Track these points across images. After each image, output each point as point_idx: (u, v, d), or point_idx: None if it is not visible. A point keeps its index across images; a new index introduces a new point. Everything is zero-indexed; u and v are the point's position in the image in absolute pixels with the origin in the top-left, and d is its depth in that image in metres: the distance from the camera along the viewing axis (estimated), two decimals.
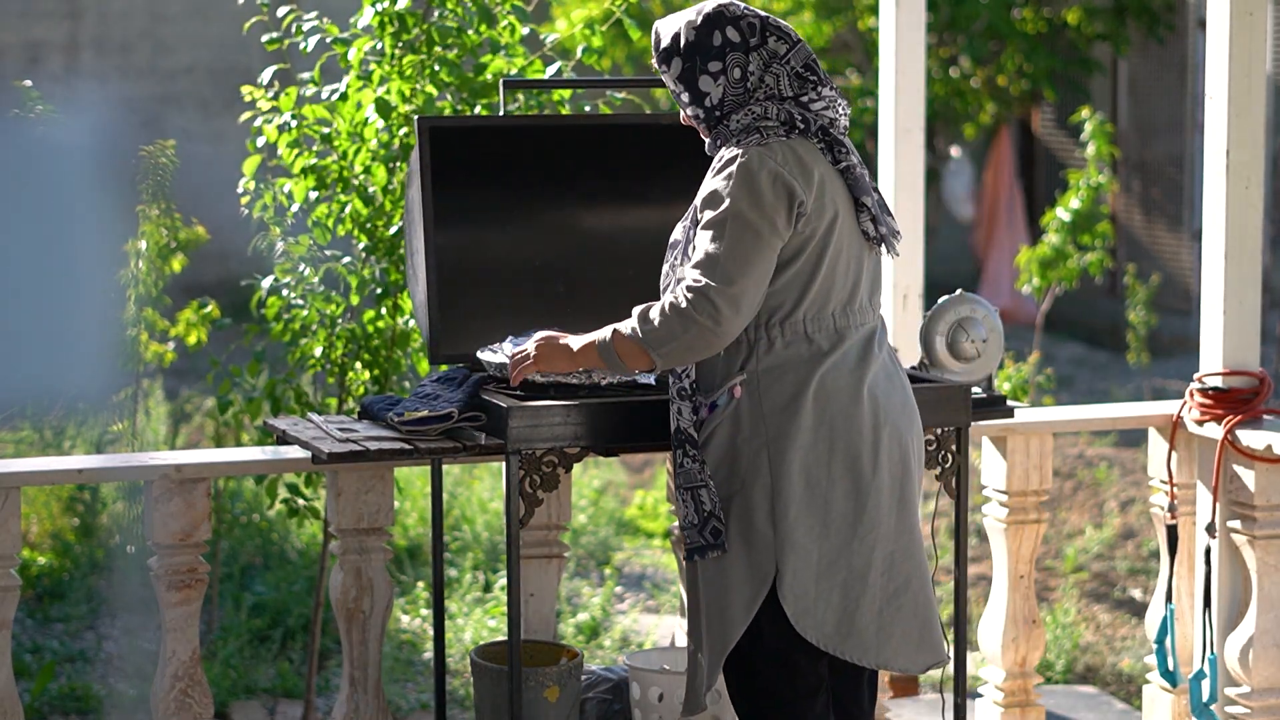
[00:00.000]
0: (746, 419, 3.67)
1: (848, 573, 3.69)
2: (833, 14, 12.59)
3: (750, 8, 3.75)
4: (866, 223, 3.72)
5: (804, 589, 3.67)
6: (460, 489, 7.64)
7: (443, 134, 4.37)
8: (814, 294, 3.66)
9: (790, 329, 3.66)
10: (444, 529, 4.90)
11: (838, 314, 3.69)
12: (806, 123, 3.68)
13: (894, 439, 3.72)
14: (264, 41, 5.19)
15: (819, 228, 3.65)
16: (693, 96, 3.73)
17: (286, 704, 5.82)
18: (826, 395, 3.66)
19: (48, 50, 13.81)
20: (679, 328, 3.61)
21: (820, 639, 3.69)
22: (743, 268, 3.59)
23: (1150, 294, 9.49)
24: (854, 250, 3.72)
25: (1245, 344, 4.74)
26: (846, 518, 3.68)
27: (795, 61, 3.70)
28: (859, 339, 3.72)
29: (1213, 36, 4.69)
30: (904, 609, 3.76)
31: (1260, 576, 4.68)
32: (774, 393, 3.66)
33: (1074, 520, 7.89)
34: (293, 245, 5.13)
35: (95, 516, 7.02)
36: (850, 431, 3.67)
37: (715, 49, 3.70)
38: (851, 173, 3.70)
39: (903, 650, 3.78)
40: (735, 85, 3.70)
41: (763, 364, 3.67)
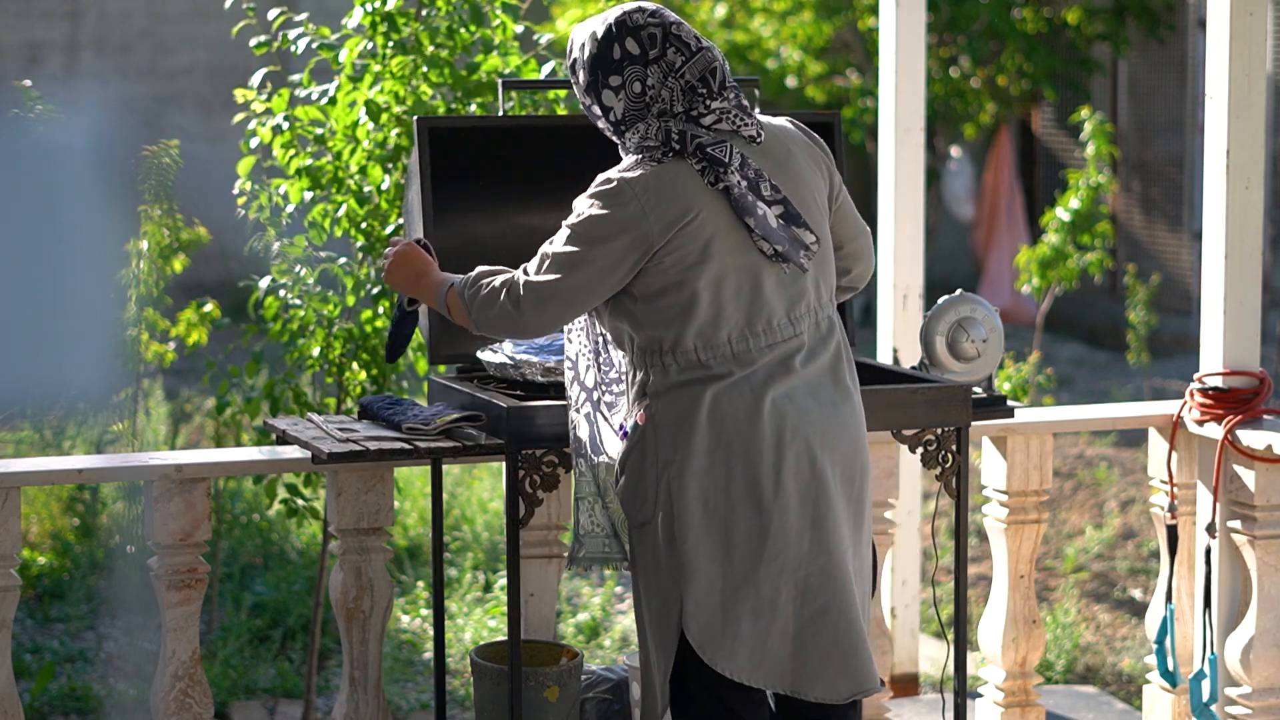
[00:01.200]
0: (650, 444, 3.57)
1: (756, 599, 3.54)
2: (833, 14, 12.60)
3: (659, 16, 3.59)
4: (760, 242, 3.55)
5: (709, 618, 3.54)
6: (460, 489, 7.64)
7: (441, 134, 4.36)
8: (698, 324, 3.53)
9: (682, 356, 3.55)
10: (444, 529, 4.90)
11: (734, 339, 3.55)
12: (683, 142, 3.54)
13: (802, 457, 3.55)
14: (252, 46, 5.20)
15: (687, 257, 3.52)
16: (600, 110, 3.62)
17: (286, 704, 5.82)
18: (722, 416, 3.53)
19: (48, 50, 13.81)
20: (491, 303, 3.63)
21: (731, 669, 3.56)
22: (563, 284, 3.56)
23: (1150, 294, 9.49)
24: (745, 272, 3.55)
25: (1245, 344, 4.73)
26: (750, 542, 3.53)
27: (690, 74, 3.55)
28: (771, 359, 3.57)
29: (1213, 36, 4.69)
30: (822, 635, 3.58)
31: (1260, 576, 4.68)
32: (668, 416, 3.55)
33: (1074, 520, 7.89)
34: (288, 246, 5.13)
35: (95, 516, 7.02)
36: (749, 452, 3.53)
37: (615, 62, 3.57)
38: (731, 194, 3.53)
39: (821, 677, 3.59)
40: (635, 100, 3.57)
41: (658, 388, 3.57)
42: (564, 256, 3.57)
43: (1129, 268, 10.92)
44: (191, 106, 13.99)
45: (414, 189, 4.33)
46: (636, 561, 3.65)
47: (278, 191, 5.12)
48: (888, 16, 5.66)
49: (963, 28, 12.66)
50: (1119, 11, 13.00)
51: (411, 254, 3.86)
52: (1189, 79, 12.71)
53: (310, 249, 5.16)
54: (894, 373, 4.37)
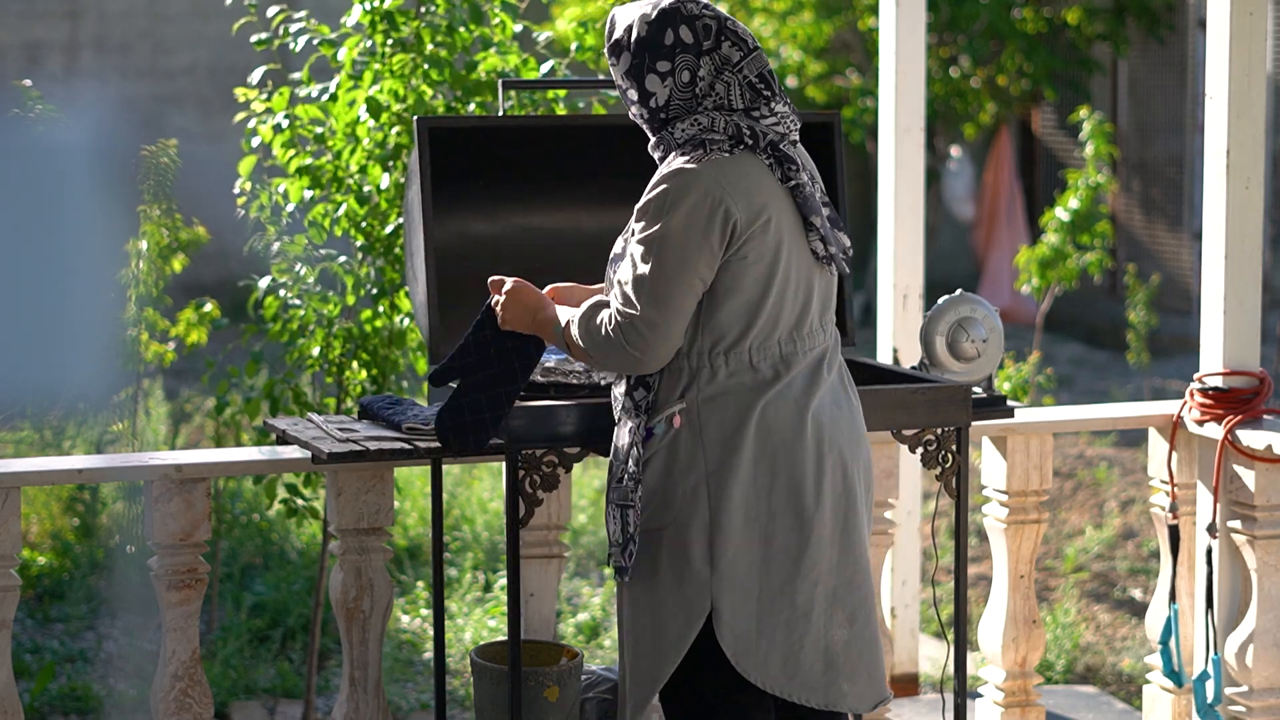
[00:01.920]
0: (684, 451, 3.51)
1: (790, 610, 3.53)
2: (833, 14, 12.60)
3: (711, 8, 3.55)
4: (815, 242, 3.55)
5: (744, 628, 3.52)
6: (460, 489, 7.64)
7: (441, 134, 4.36)
8: (762, 322, 3.51)
9: (735, 358, 3.51)
10: (444, 529, 4.89)
11: (784, 340, 3.53)
12: (755, 137, 3.51)
13: (838, 467, 3.56)
14: (253, 42, 5.20)
15: (764, 252, 3.49)
16: (639, 95, 3.55)
17: (286, 704, 5.82)
18: (768, 427, 3.50)
19: (48, 50, 13.81)
20: (606, 347, 3.51)
21: (764, 680, 3.53)
22: (669, 293, 3.45)
23: (1150, 294, 9.49)
24: (803, 272, 3.55)
25: (1245, 344, 4.73)
26: (789, 553, 3.52)
27: (749, 71, 3.52)
28: (807, 364, 3.56)
29: (1213, 36, 4.69)
30: (850, 646, 3.59)
31: (1260, 576, 4.68)
32: (714, 424, 3.50)
33: (1074, 520, 7.89)
34: (288, 245, 5.13)
35: (95, 516, 7.02)
36: (793, 464, 3.51)
37: (666, 48, 3.52)
38: (800, 191, 3.52)
39: (850, 689, 3.60)
40: (683, 89, 3.52)
41: (703, 393, 3.51)
42: (665, 274, 3.46)
43: (1129, 268, 10.92)
44: (191, 106, 13.99)
45: (414, 189, 4.33)
46: (638, 565, 3.59)
47: (278, 191, 5.12)
48: (888, 16, 5.66)
49: (963, 28, 12.66)
50: (1119, 11, 13.00)
51: (523, 291, 3.72)
52: (1189, 79, 12.71)
53: (310, 248, 5.16)
54: (894, 373, 4.37)
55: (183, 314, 5.79)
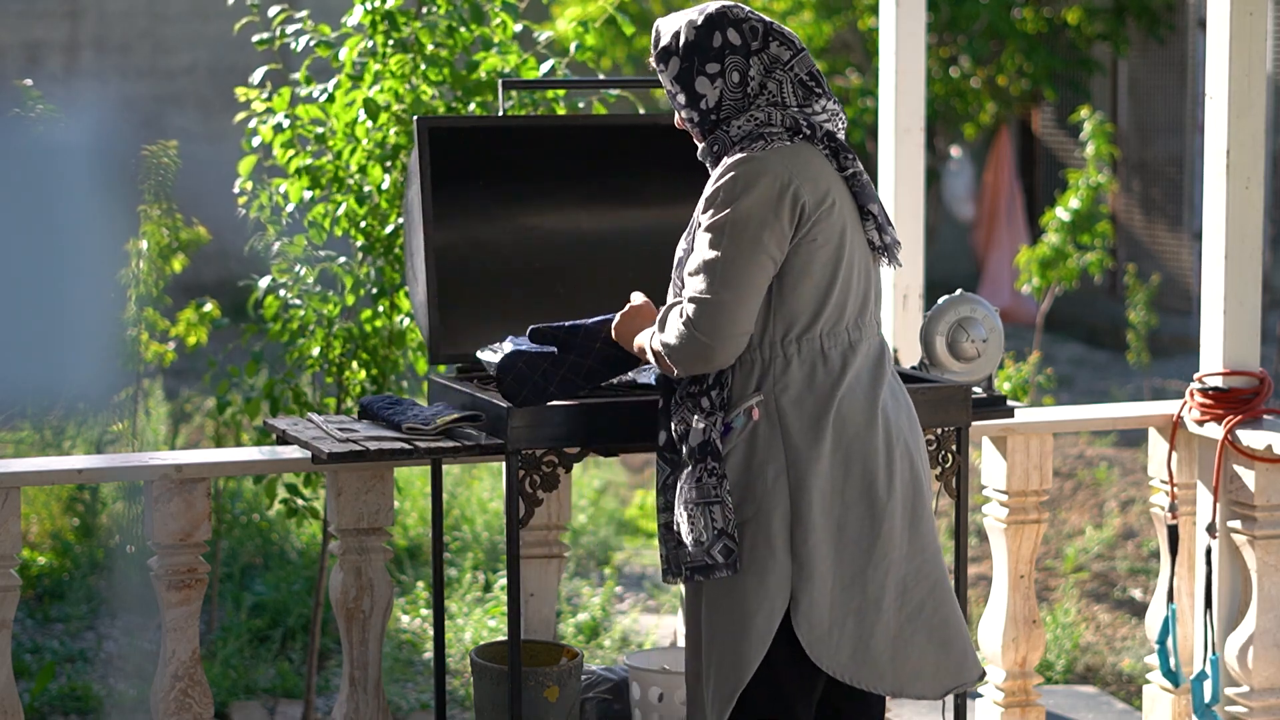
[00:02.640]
0: (764, 443, 3.55)
1: (862, 599, 3.58)
2: (833, 14, 12.60)
3: (755, 12, 3.65)
4: (872, 231, 3.62)
5: (820, 617, 3.56)
6: (460, 489, 7.64)
7: (441, 134, 4.36)
8: (831, 306, 3.56)
9: (807, 345, 3.55)
10: (444, 529, 4.89)
11: (851, 328, 3.59)
12: (812, 129, 3.57)
13: (905, 458, 3.63)
14: (254, 42, 5.20)
15: (831, 236, 3.55)
16: (689, 98, 3.62)
17: (286, 704, 5.82)
18: (844, 419, 3.56)
19: (48, 50, 13.81)
20: (681, 340, 3.52)
21: (835, 668, 3.58)
22: (742, 274, 3.49)
23: (1150, 294, 9.49)
24: (863, 260, 3.62)
25: (1245, 344, 4.73)
26: (861, 543, 3.58)
27: (799, 69, 3.61)
28: (870, 355, 3.62)
29: (1213, 36, 4.69)
30: (918, 634, 3.65)
31: (1260, 576, 4.68)
32: (794, 416, 3.54)
33: (1074, 520, 7.89)
34: (288, 245, 5.13)
35: (95, 516, 7.02)
36: (866, 455, 3.57)
37: (715, 50, 3.60)
38: (858, 180, 3.60)
39: (919, 676, 3.65)
40: (734, 90, 3.60)
41: (779, 384, 3.55)
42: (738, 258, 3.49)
43: (1129, 268, 10.92)
44: (191, 106, 13.99)
45: (414, 189, 4.33)
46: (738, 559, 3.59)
47: (278, 191, 5.12)
48: (888, 16, 5.66)
49: (963, 28, 12.66)
50: (1119, 11, 13.00)
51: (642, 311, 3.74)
52: (1189, 79, 12.71)
53: (310, 248, 5.16)
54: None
55: (183, 314, 5.79)
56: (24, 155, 2.45)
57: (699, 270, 3.53)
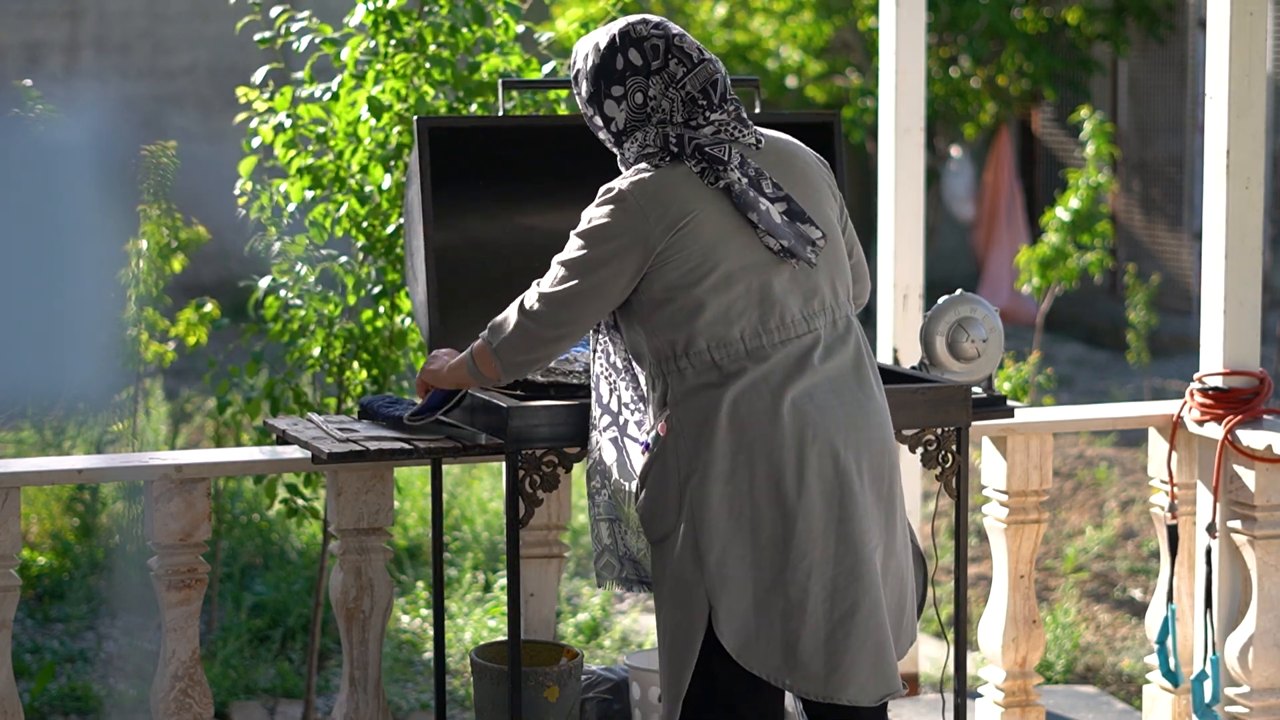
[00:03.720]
0: (670, 456, 3.57)
1: (785, 602, 3.54)
2: (833, 14, 12.60)
3: (663, 27, 3.62)
4: (765, 238, 3.58)
5: (743, 623, 3.54)
6: (460, 489, 7.64)
7: (441, 134, 4.36)
8: (706, 324, 3.54)
9: (696, 358, 3.56)
10: (444, 529, 4.89)
11: (748, 336, 3.56)
12: (681, 145, 3.56)
13: (825, 456, 3.55)
14: (256, 40, 5.20)
15: (690, 260, 3.54)
16: (602, 120, 3.66)
17: (286, 704, 5.82)
18: (741, 420, 3.52)
19: (48, 50, 13.81)
20: (506, 326, 3.67)
21: (766, 672, 3.56)
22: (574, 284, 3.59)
23: (1150, 294, 9.48)
24: (754, 269, 3.56)
25: (1245, 344, 4.73)
26: (776, 545, 3.54)
27: (692, 85, 3.58)
28: (786, 356, 3.57)
29: (1213, 36, 4.69)
30: (852, 636, 3.57)
31: (1260, 576, 4.68)
32: (689, 424, 3.55)
33: (1074, 520, 7.89)
34: (289, 245, 5.13)
35: (95, 516, 7.02)
36: (770, 454, 3.52)
37: (618, 73, 3.61)
38: (732, 190, 3.55)
39: (853, 680, 3.58)
40: (636, 111, 3.60)
41: (678, 398, 3.57)
42: (573, 262, 3.60)
43: (1129, 268, 10.92)
44: (191, 106, 13.99)
45: (414, 189, 4.33)
46: (655, 575, 3.64)
47: (279, 191, 5.12)
48: (888, 16, 5.66)
49: (963, 28, 12.66)
50: (1119, 11, 13.00)
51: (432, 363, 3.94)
52: (1189, 79, 12.71)
53: (311, 248, 5.16)
54: (894, 373, 4.37)
55: (183, 314, 5.79)
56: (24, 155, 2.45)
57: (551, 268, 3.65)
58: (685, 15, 12.93)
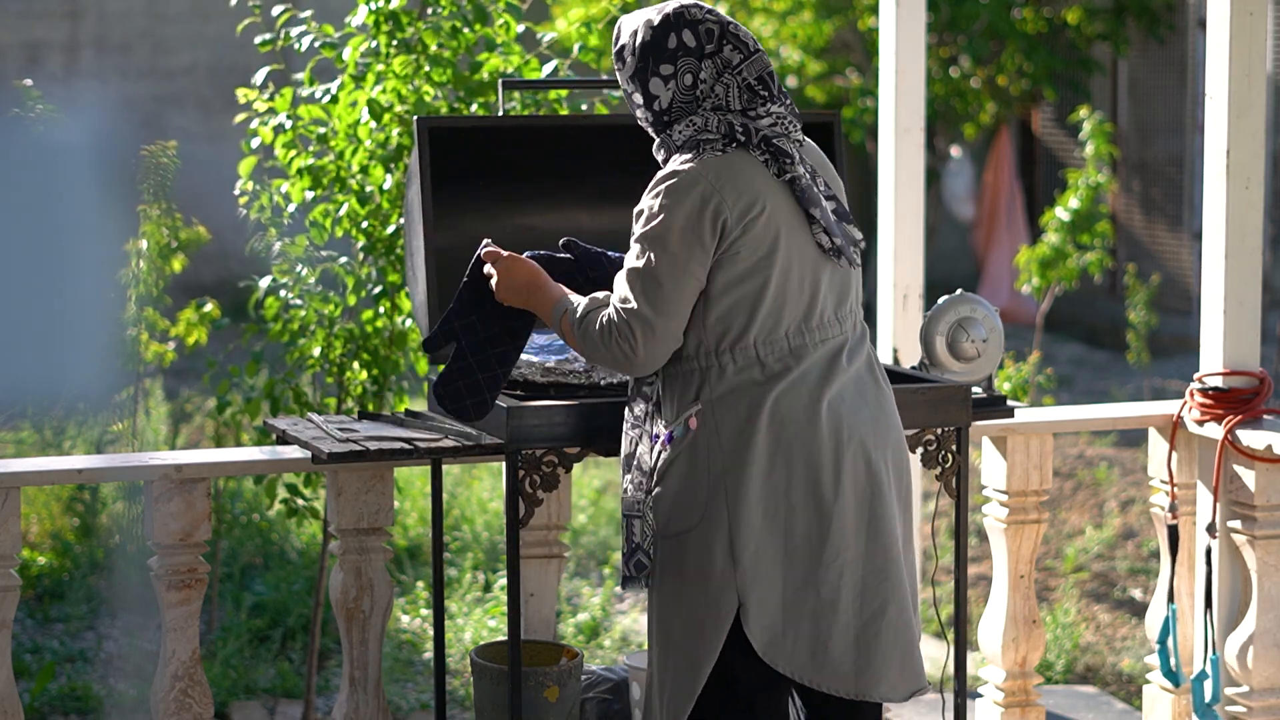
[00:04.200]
0: (702, 450, 3.55)
1: (816, 601, 3.55)
2: (833, 14, 12.59)
3: (715, 13, 3.62)
4: (820, 235, 3.59)
5: (771, 621, 3.54)
6: (460, 489, 7.64)
7: (442, 134, 4.36)
8: (764, 315, 3.54)
9: (741, 353, 3.55)
10: (444, 529, 4.89)
11: (792, 333, 3.57)
12: (748, 134, 3.56)
13: (859, 457, 3.58)
14: (257, 43, 5.20)
15: (760, 247, 3.53)
16: (644, 98, 3.63)
17: (286, 704, 5.82)
18: (781, 420, 3.53)
19: (48, 50, 13.81)
20: (602, 347, 3.56)
21: (793, 670, 3.56)
22: (662, 297, 3.51)
23: (1150, 294, 9.48)
24: (807, 265, 3.58)
25: (1245, 344, 4.73)
26: (810, 544, 3.55)
27: (748, 73, 3.58)
28: (821, 356, 3.59)
29: (1213, 36, 4.69)
30: (882, 635, 3.61)
31: (1260, 576, 4.68)
32: (727, 421, 3.54)
33: (1074, 520, 7.89)
34: (289, 245, 5.13)
35: (95, 516, 7.02)
36: (808, 455, 3.54)
37: (669, 52, 3.59)
38: (798, 184, 3.57)
39: (883, 678, 3.62)
40: (685, 92, 3.59)
41: (716, 392, 3.55)
42: (652, 272, 3.53)
43: (1129, 268, 10.92)
44: (191, 106, 13.99)
45: (414, 189, 4.33)
46: (665, 570, 3.61)
47: (279, 191, 5.12)
48: (888, 16, 5.66)
49: (963, 28, 12.66)
50: (1119, 11, 13.00)
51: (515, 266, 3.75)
52: (1189, 79, 12.71)
53: (311, 249, 5.16)
54: (894, 373, 4.37)
55: (183, 314, 5.79)
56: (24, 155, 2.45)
57: (625, 279, 3.56)
58: None
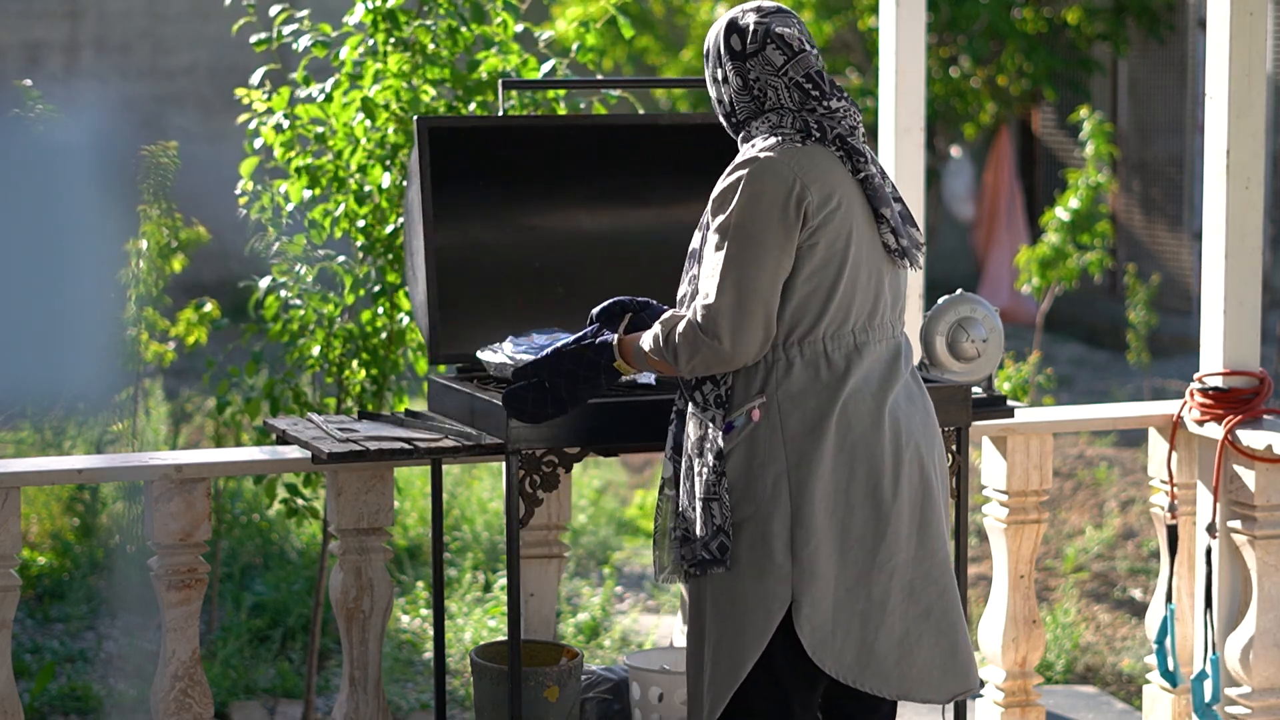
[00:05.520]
0: (764, 444, 3.55)
1: (866, 602, 3.58)
2: (833, 14, 12.59)
3: (768, 15, 3.65)
4: (887, 235, 3.61)
5: (822, 619, 3.56)
6: (460, 489, 7.64)
7: (441, 134, 4.36)
8: (834, 309, 3.55)
9: (809, 348, 3.56)
10: (444, 529, 4.89)
11: (858, 330, 3.59)
12: (823, 130, 3.59)
13: (915, 461, 3.62)
14: (252, 43, 5.20)
15: (837, 240, 3.55)
16: (715, 99, 3.72)
17: (286, 704, 5.82)
18: (849, 421, 3.56)
19: (48, 50, 13.81)
20: (693, 344, 3.54)
21: (838, 670, 3.58)
22: (749, 285, 3.50)
23: (1150, 294, 9.49)
24: (874, 263, 3.61)
25: (1245, 344, 4.73)
26: (865, 545, 3.58)
27: (794, 73, 3.61)
28: (881, 358, 3.62)
29: (1213, 36, 4.69)
30: (925, 637, 3.64)
31: (1260, 576, 4.68)
32: (795, 418, 3.55)
33: (1074, 520, 7.89)
34: (287, 244, 5.13)
35: (95, 516, 7.02)
36: (871, 457, 3.57)
37: (720, 56, 3.67)
38: (870, 183, 3.60)
39: (925, 680, 3.64)
40: (740, 94, 3.64)
41: (782, 387, 3.56)
42: (744, 265, 3.52)
43: (1129, 268, 10.92)
44: (191, 106, 13.99)
45: (414, 189, 4.33)
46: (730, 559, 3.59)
47: (279, 192, 5.12)
48: (888, 16, 5.66)
49: (963, 28, 12.66)
50: (1119, 11, 13.00)
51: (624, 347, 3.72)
52: (1189, 79, 12.71)
53: (310, 248, 5.16)
54: None
55: (183, 314, 5.79)
56: (24, 155, 2.45)
57: (709, 274, 3.55)
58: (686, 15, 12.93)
